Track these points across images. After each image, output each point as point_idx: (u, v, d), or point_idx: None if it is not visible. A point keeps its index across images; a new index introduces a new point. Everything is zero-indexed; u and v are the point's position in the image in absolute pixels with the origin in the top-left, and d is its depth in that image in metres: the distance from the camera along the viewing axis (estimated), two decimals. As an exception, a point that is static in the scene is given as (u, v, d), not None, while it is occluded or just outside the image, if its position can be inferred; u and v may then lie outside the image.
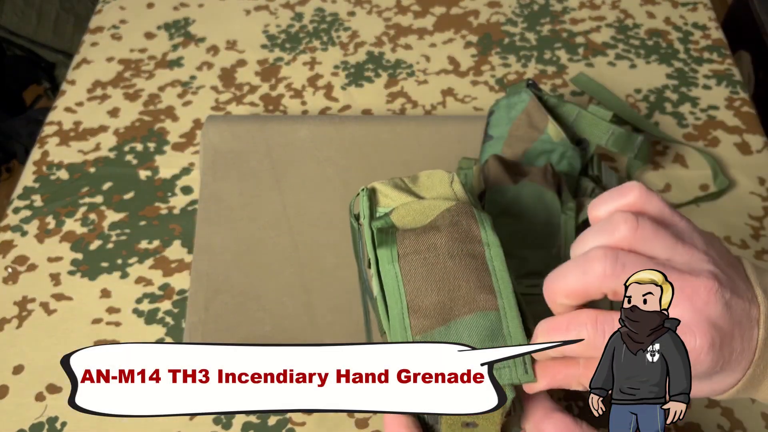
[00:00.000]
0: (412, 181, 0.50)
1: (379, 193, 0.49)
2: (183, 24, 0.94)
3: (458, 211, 0.45)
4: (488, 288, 0.42)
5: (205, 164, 0.73)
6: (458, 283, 0.42)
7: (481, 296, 0.41)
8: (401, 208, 0.46)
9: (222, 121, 0.75)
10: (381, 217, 0.46)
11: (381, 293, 0.44)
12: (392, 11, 0.95)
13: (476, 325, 0.41)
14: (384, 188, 0.48)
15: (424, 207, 0.46)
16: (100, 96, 0.85)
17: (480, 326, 0.41)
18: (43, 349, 0.63)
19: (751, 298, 0.38)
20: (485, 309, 0.41)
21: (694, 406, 0.59)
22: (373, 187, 0.49)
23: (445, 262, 0.43)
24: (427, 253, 0.43)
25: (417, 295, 0.42)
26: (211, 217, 0.70)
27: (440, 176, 0.50)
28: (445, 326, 0.41)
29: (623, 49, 0.89)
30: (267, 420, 0.59)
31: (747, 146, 0.78)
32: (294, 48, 0.90)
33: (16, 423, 0.59)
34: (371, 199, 0.48)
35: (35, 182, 0.77)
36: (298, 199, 0.71)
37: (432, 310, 0.42)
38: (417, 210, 0.46)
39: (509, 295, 0.42)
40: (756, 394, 0.39)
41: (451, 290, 0.42)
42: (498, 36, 0.91)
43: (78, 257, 0.70)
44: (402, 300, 0.42)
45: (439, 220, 0.45)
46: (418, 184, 0.50)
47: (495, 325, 0.41)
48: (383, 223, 0.46)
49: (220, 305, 0.64)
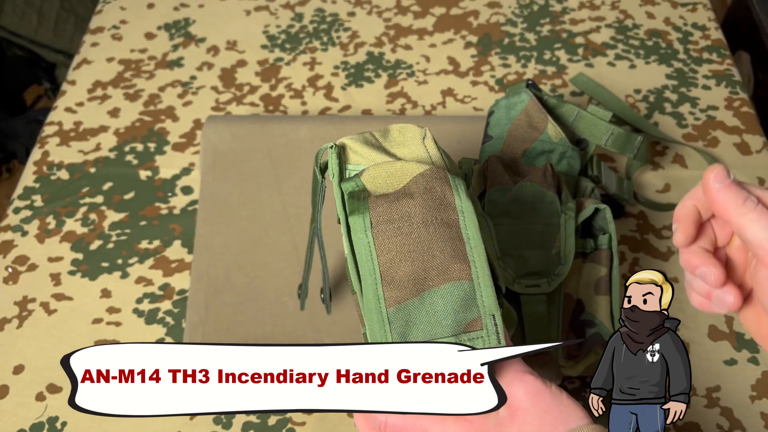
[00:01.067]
0: (383, 136, 0.48)
1: (348, 149, 0.47)
2: (183, 24, 0.94)
3: (432, 176, 0.44)
4: (462, 257, 0.42)
5: (205, 164, 0.73)
6: (432, 252, 0.42)
7: (456, 266, 0.41)
8: (372, 170, 0.45)
9: (222, 121, 0.75)
10: (351, 179, 0.45)
11: (351, 254, 0.43)
12: (392, 12, 0.95)
13: (450, 294, 0.41)
14: (354, 144, 0.47)
15: (397, 170, 0.44)
16: (101, 96, 0.85)
17: (454, 296, 0.41)
18: (44, 349, 0.64)
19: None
20: (459, 279, 0.41)
21: (693, 405, 0.59)
22: (342, 143, 0.47)
23: (419, 232, 0.42)
24: (401, 222, 0.42)
25: (391, 266, 0.42)
26: (212, 217, 0.70)
27: (413, 132, 0.48)
28: (419, 297, 0.41)
29: (623, 49, 0.89)
30: (267, 420, 0.59)
31: (746, 146, 0.78)
32: (294, 48, 0.91)
33: (17, 423, 0.59)
34: (340, 156, 0.46)
35: (36, 182, 0.77)
36: (298, 199, 0.71)
37: (406, 281, 0.41)
38: (389, 173, 0.44)
39: (483, 264, 0.42)
40: None
41: (425, 260, 0.42)
42: (498, 36, 0.91)
43: (78, 257, 0.70)
44: (375, 271, 0.42)
45: (413, 185, 0.44)
46: (390, 139, 0.48)
47: (468, 295, 0.41)
48: (354, 186, 0.44)
49: (220, 305, 0.65)
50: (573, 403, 0.39)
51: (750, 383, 0.60)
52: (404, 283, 0.41)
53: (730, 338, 0.63)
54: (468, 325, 0.41)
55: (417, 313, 0.41)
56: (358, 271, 0.43)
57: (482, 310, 0.41)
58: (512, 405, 0.39)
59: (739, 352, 0.62)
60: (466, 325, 0.41)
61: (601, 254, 0.61)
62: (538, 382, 0.40)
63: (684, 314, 0.65)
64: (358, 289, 0.43)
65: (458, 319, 0.41)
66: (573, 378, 0.60)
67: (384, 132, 0.48)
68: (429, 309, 0.41)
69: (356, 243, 0.43)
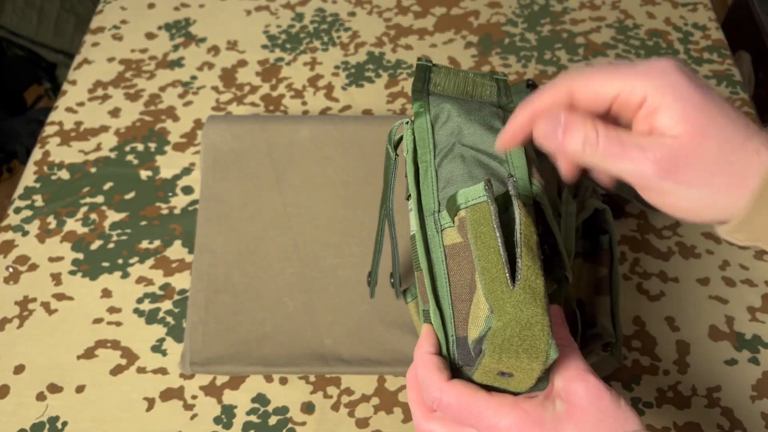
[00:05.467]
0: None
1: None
2: (184, 24, 0.94)
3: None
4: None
5: (205, 164, 0.73)
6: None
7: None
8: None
9: (223, 121, 0.75)
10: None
11: (420, 231, 0.43)
12: (393, 12, 0.95)
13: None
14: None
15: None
16: (101, 96, 0.85)
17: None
18: (44, 349, 0.64)
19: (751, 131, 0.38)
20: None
21: (693, 406, 0.59)
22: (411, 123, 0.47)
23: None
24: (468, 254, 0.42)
25: (460, 288, 0.42)
26: (212, 217, 0.70)
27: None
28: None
29: (623, 49, 0.89)
30: (267, 420, 0.59)
31: (747, 146, 0.78)
32: (294, 48, 0.91)
33: (17, 422, 0.59)
34: (414, 132, 0.46)
35: (36, 182, 0.77)
36: (299, 199, 0.71)
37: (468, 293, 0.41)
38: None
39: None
40: (765, 243, 0.38)
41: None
42: (498, 36, 0.91)
43: (79, 257, 0.70)
44: (447, 295, 0.42)
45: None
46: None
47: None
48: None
49: (220, 305, 0.65)
50: (630, 409, 0.39)
51: (750, 383, 0.60)
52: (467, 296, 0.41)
53: (730, 338, 0.63)
54: None
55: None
56: (428, 247, 0.43)
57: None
58: (572, 402, 0.39)
59: (740, 352, 0.62)
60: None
61: (601, 254, 0.61)
62: (599, 384, 0.40)
63: (684, 314, 0.65)
64: (425, 262, 0.43)
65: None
66: (573, 378, 0.60)
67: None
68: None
69: (433, 251, 0.43)
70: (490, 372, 0.39)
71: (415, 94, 0.45)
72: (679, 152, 0.37)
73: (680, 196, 0.38)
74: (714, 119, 0.37)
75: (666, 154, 0.37)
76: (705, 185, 0.37)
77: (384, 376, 0.61)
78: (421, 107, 0.45)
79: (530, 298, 0.38)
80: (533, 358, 0.37)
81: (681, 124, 0.37)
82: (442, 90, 0.46)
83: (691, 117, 0.37)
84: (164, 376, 0.62)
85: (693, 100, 0.37)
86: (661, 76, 0.38)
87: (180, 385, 0.61)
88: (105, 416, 0.59)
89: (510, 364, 0.38)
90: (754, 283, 0.67)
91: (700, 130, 0.37)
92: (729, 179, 0.37)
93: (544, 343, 0.37)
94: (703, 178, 0.37)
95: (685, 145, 0.37)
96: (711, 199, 0.37)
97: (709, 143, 0.37)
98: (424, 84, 0.47)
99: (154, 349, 0.63)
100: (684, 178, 0.37)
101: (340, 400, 0.60)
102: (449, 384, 0.40)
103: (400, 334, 0.63)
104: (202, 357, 0.61)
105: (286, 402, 0.60)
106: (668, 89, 0.38)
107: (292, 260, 0.67)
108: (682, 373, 0.61)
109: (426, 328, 0.43)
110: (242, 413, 0.59)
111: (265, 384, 0.61)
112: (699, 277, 0.67)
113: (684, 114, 0.37)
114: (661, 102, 0.37)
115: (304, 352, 0.62)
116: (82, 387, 0.61)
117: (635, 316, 0.65)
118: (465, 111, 0.44)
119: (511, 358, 0.38)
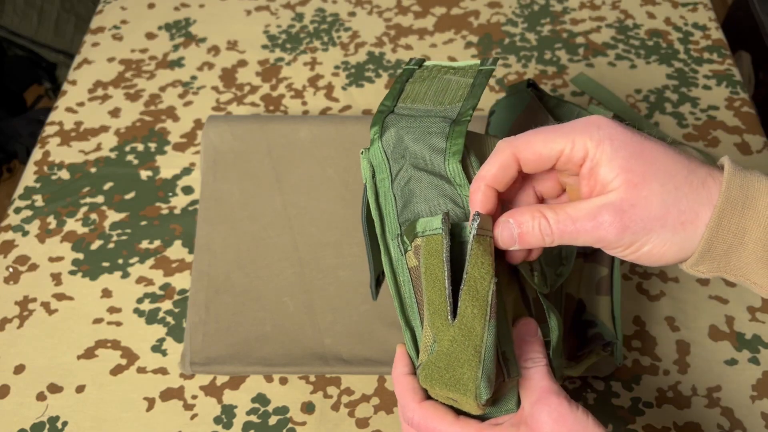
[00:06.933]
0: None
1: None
2: (184, 24, 0.94)
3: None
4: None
5: (205, 164, 0.73)
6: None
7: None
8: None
9: (223, 121, 0.75)
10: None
11: (385, 254, 0.44)
12: (393, 12, 0.95)
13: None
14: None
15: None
16: (101, 96, 0.85)
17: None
18: (44, 349, 0.64)
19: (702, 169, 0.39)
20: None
21: (693, 406, 0.59)
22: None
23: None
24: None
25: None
26: (212, 217, 0.70)
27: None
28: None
29: (623, 49, 0.89)
30: (267, 420, 0.59)
31: (747, 146, 0.78)
32: (295, 48, 0.91)
33: (17, 422, 0.59)
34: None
35: (36, 182, 0.77)
36: (299, 198, 0.71)
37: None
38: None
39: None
40: (727, 273, 0.39)
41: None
42: (498, 36, 0.91)
43: (79, 257, 0.70)
44: (417, 315, 0.44)
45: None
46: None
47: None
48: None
49: (220, 305, 0.65)
50: (599, 428, 0.40)
51: (751, 383, 0.60)
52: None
53: (730, 338, 0.63)
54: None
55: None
56: (394, 270, 0.45)
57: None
58: (533, 427, 0.39)
59: (740, 352, 0.62)
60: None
61: (602, 254, 0.61)
62: (562, 406, 0.40)
63: (684, 314, 0.65)
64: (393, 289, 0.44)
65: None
66: (573, 378, 0.60)
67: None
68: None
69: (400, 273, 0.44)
70: (438, 396, 0.40)
71: (376, 116, 0.46)
72: (625, 205, 0.38)
73: (641, 243, 0.38)
74: (652, 162, 0.38)
75: (613, 212, 0.38)
76: (659, 228, 0.38)
77: (384, 376, 0.61)
78: (375, 134, 0.45)
79: (465, 337, 0.39)
80: (462, 394, 0.38)
81: (621, 174, 0.38)
82: (413, 101, 0.46)
83: (631, 165, 0.38)
84: (164, 376, 0.62)
85: (630, 147, 0.38)
86: (597, 130, 0.39)
87: (180, 385, 0.61)
88: (105, 416, 0.59)
89: (442, 394, 0.39)
90: (754, 283, 0.67)
91: (641, 177, 0.38)
92: (680, 216, 0.38)
93: (471, 383, 0.38)
94: (656, 222, 0.38)
95: (630, 196, 0.38)
96: (669, 240, 0.38)
97: (652, 186, 0.38)
98: (394, 100, 0.47)
99: (154, 349, 0.63)
100: (637, 227, 0.38)
101: (340, 400, 0.60)
102: (420, 406, 0.42)
103: (400, 334, 0.63)
104: (203, 357, 0.61)
105: (286, 402, 0.60)
106: (605, 141, 0.38)
107: (292, 260, 0.67)
108: (682, 373, 0.61)
109: (399, 348, 0.45)
110: (242, 413, 0.59)
111: (265, 384, 0.61)
112: (699, 277, 0.67)
113: (624, 163, 0.38)
114: (601, 156, 0.38)
115: (304, 352, 0.62)
116: (82, 387, 0.61)
117: (635, 316, 0.65)
118: (413, 132, 0.45)
119: (443, 389, 0.39)
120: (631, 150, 0.38)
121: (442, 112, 0.45)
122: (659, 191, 0.38)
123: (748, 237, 0.38)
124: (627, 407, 0.59)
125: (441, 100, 0.46)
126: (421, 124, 0.45)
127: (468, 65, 0.48)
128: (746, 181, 0.38)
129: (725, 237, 0.38)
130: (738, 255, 0.38)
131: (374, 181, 0.45)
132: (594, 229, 0.38)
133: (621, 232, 0.38)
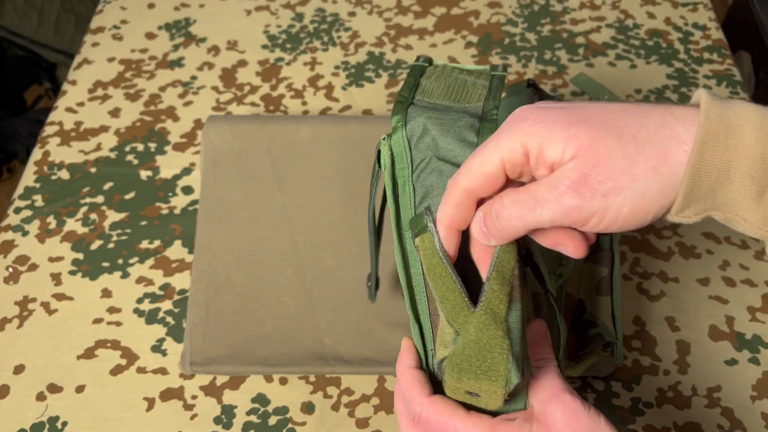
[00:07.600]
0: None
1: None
2: (184, 24, 0.94)
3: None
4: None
5: (205, 164, 0.73)
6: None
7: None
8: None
9: (223, 121, 0.75)
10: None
11: (398, 245, 0.44)
12: (393, 12, 0.95)
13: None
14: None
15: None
16: (101, 96, 0.85)
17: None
18: (44, 349, 0.64)
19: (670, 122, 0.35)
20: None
21: (693, 406, 0.59)
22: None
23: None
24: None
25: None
26: (212, 217, 0.70)
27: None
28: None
29: (623, 49, 0.89)
30: (267, 420, 0.59)
31: (747, 146, 0.78)
32: (295, 48, 0.91)
33: (17, 423, 0.59)
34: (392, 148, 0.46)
35: (36, 182, 0.77)
36: (299, 199, 0.71)
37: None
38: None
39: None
40: (715, 211, 0.36)
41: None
42: (498, 36, 0.91)
43: (79, 257, 0.70)
44: (426, 309, 0.43)
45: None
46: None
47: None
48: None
49: (220, 305, 0.65)
50: (610, 428, 0.39)
51: (751, 383, 0.60)
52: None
53: (730, 338, 0.63)
54: None
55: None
56: (406, 262, 0.44)
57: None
58: (548, 424, 0.39)
59: (740, 352, 0.62)
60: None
61: (602, 255, 0.61)
62: (576, 403, 0.39)
63: (685, 314, 0.65)
64: (404, 282, 0.44)
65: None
66: (573, 378, 0.60)
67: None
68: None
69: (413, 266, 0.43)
70: (457, 390, 0.40)
71: (397, 106, 0.45)
72: (586, 168, 0.35)
73: (617, 205, 0.35)
74: (598, 122, 0.36)
75: (575, 177, 0.35)
76: (631, 182, 0.35)
77: (384, 376, 0.61)
78: (399, 122, 0.45)
79: (491, 321, 0.38)
80: (492, 381, 0.37)
81: (569, 145, 0.35)
82: (429, 96, 0.46)
83: (573, 133, 0.35)
84: (164, 376, 0.62)
85: (566, 119, 0.36)
86: (522, 122, 0.37)
87: (180, 385, 0.61)
88: (105, 416, 0.59)
89: (470, 385, 0.39)
90: (754, 283, 0.67)
91: (591, 138, 0.35)
92: (648, 162, 0.35)
93: (502, 366, 0.37)
94: (625, 176, 0.35)
95: (588, 159, 0.35)
96: (647, 191, 0.35)
97: (608, 142, 0.35)
98: (411, 92, 0.47)
99: (154, 349, 0.63)
100: (605, 187, 0.35)
101: (340, 400, 0.60)
102: (429, 400, 0.40)
103: (400, 334, 0.63)
104: (202, 357, 0.61)
105: (286, 402, 0.60)
106: (537, 126, 0.36)
107: (292, 260, 0.67)
108: (682, 373, 0.61)
109: (406, 341, 0.43)
110: (242, 413, 0.59)
111: (265, 384, 0.61)
112: (699, 277, 0.67)
113: (565, 135, 0.36)
114: (539, 141, 0.36)
115: (304, 352, 0.62)
116: (82, 387, 0.61)
117: (635, 316, 0.65)
118: (440, 124, 0.44)
119: (471, 379, 0.38)
120: (569, 120, 0.36)
121: (464, 108, 0.45)
122: (617, 145, 0.35)
123: (734, 171, 0.34)
124: (627, 407, 0.59)
125: (459, 98, 0.46)
126: (447, 116, 0.44)
127: (479, 69, 0.48)
128: (727, 110, 0.34)
129: (709, 173, 0.34)
130: (725, 191, 0.35)
131: (393, 169, 0.45)
132: (557, 199, 0.36)
133: (589, 196, 0.35)
